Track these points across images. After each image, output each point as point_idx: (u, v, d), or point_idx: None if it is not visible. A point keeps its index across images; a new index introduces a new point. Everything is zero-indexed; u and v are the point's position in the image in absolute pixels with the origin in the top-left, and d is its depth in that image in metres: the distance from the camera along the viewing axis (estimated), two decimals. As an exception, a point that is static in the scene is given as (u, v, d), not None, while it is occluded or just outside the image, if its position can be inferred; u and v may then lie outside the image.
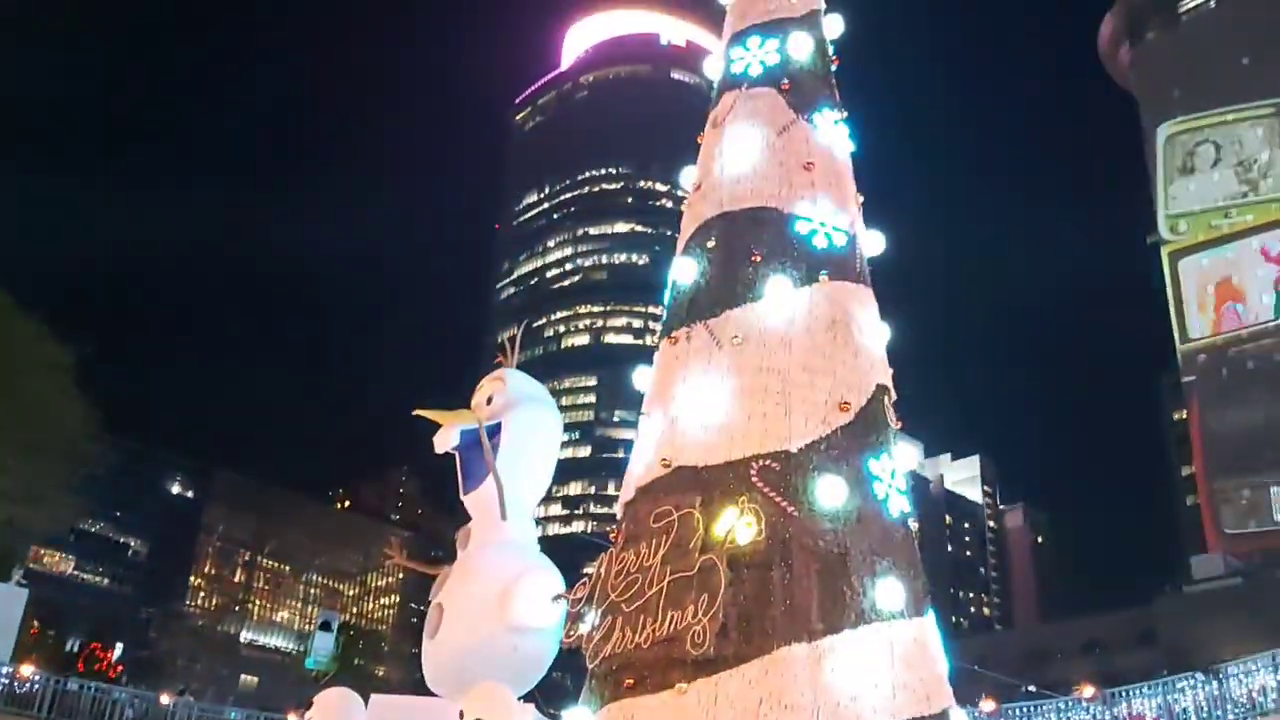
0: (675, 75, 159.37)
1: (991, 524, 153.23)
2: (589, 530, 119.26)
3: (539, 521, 12.85)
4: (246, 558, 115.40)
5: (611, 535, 11.37)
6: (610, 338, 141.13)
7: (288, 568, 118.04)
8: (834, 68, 13.75)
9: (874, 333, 11.83)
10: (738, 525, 9.84)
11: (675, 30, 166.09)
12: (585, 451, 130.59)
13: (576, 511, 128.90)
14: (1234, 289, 79.62)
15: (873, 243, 12.52)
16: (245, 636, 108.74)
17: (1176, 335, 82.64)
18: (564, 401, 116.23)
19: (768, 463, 10.38)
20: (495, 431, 12.13)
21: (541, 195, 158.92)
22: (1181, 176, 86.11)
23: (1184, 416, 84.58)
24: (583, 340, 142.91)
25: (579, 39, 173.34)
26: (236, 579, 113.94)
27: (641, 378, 12.35)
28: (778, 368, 10.95)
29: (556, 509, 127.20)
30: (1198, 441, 79.67)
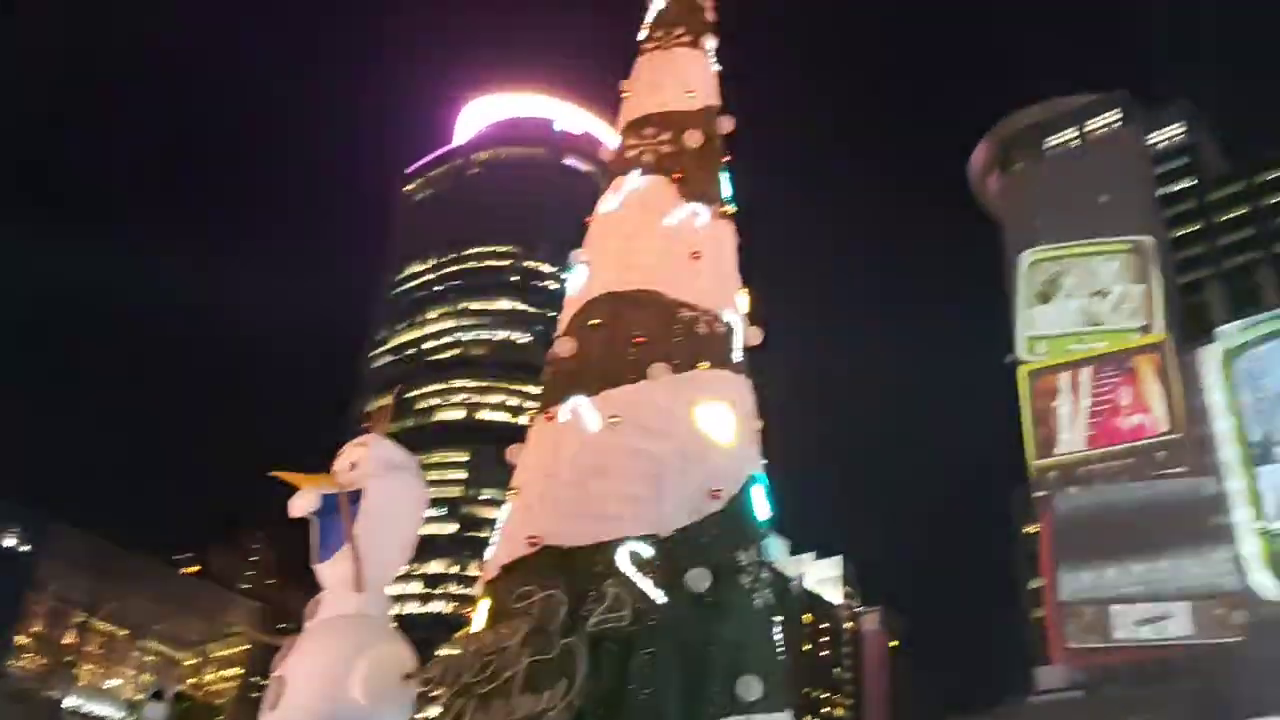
0: (569, 161, 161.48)
1: (849, 625, 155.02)
2: (449, 611, 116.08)
3: (396, 599, 12.37)
4: (80, 619, 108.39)
5: (470, 615, 11.04)
6: (485, 414, 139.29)
7: (124, 632, 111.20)
8: (725, 162, 14.11)
9: (749, 423, 11.93)
10: (602, 610, 9.63)
11: (571, 118, 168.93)
12: (451, 529, 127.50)
13: (436, 590, 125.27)
14: (1084, 411, 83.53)
15: (752, 335, 12.71)
16: (70, 702, 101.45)
17: (1030, 451, 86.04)
18: (433, 476, 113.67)
19: (637, 547, 10.26)
20: (356, 499, 11.65)
21: (426, 266, 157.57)
22: (1040, 301, 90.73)
23: (1034, 531, 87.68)
24: (457, 415, 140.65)
25: (474, 116, 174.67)
26: (66, 640, 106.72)
27: (515, 453, 12.14)
28: (653, 451, 10.91)
29: (416, 587, 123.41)
30: (1046, 557, 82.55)
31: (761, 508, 11.47)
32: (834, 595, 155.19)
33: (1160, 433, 79.21)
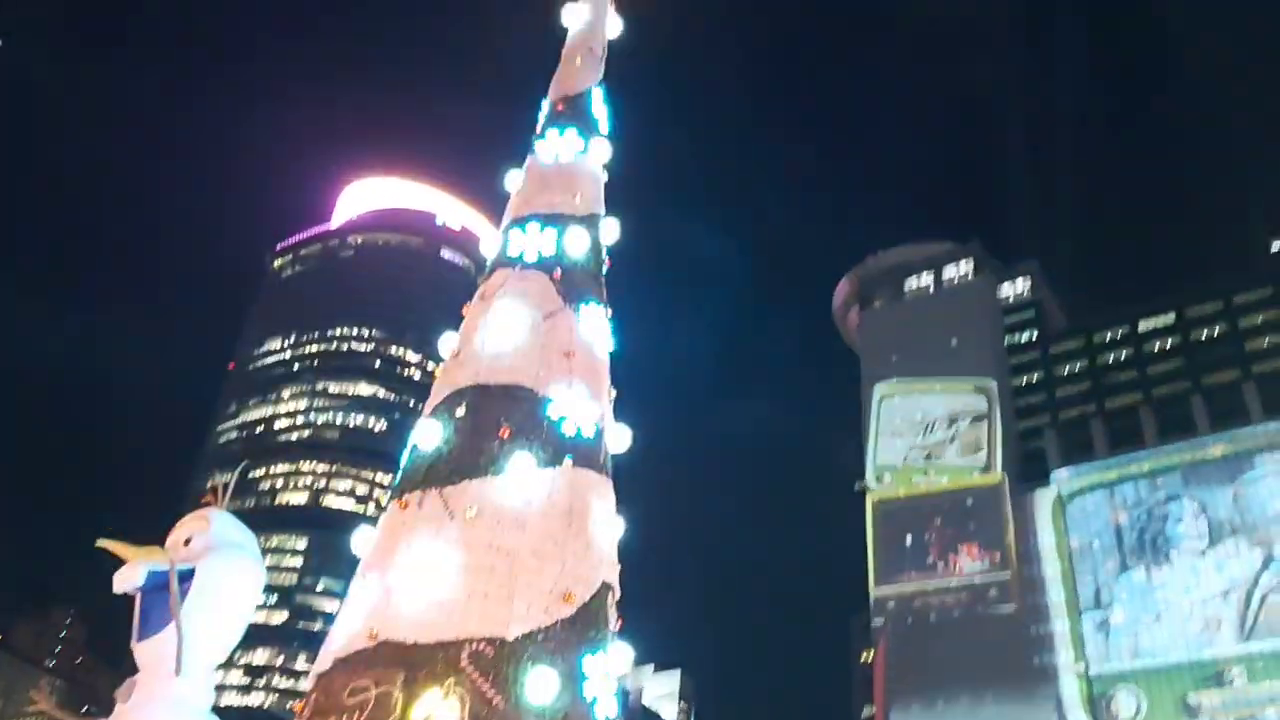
0: (445, 254, 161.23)
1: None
2: (270, 704, 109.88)
3: (215, 688, 11.56)
4: None
5: (297, 708, 10.45)
6: (330, 500, 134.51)
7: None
8: (605, 268, 14.32)
9: (608, 527, 11.84)
10: (438, 710, 9.25)
11: (453, 212, 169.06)
12: (281, 618, 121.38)
13: (259, 682, 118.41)
14: (921, 545, 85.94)
15: (620, 438, 12.72)
16: None
17: (872, 579, 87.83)
18: (268, 561, 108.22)
19: (481, 647, 9.94)
20: (187, 576, 10.99)
21: (286, 343, 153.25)
22: (891, 433, 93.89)
23: (870, 659, 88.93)
24: (300, 499, 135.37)
25: (354, 199, 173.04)
26: None
27: (362, 540, 11.71)
28: (508, 548, 10.69)
29: (237, 676, 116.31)
30: (879, 684, 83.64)
31: (613, 615, 11.32)
32: (669, 711, 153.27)
33: (993, 570, 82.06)
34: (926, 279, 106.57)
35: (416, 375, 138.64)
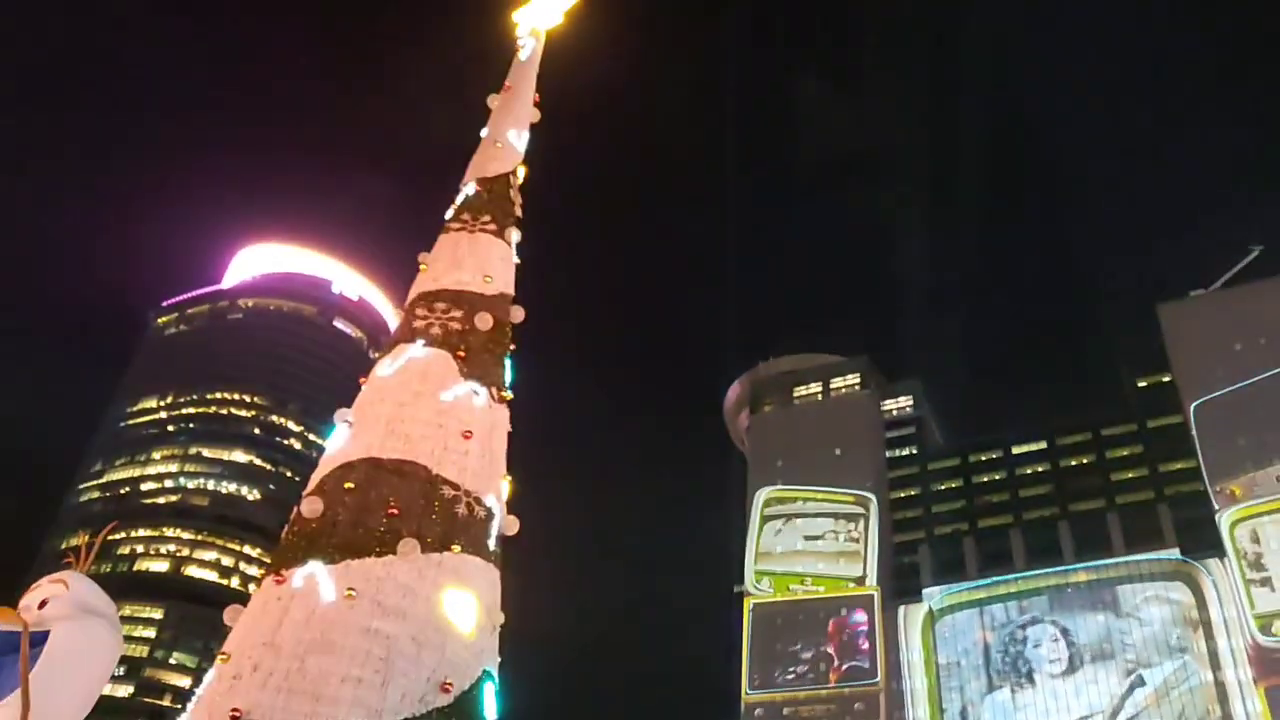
0: (339, 324, 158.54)
1: None
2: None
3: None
4: None
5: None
6: (193, 570, 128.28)
7: None
8: (510, 351, 14.26)
9: (493, 616, 11.57)
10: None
11: (350, 282, 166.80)
12: (126, 691, 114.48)
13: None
14: (793, 653, 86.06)
15: (510, 524, 12.54)
16: None
17: (745, 684, 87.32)
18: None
19: (351, 734, 9.53)
20: (40, 640, 10.32)
21: (161, 403, 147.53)
22: (772, 536, 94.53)
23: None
24: (160, 566, 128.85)
25: (248, 262, 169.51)
26: None
27: (234, 615, 11.19)
28: (387, 632, 10.33)
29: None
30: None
31: (491, 707, 11.00)
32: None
33: (862, 682, 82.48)
34: (815, 388, 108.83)
35: (298, 446, 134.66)
